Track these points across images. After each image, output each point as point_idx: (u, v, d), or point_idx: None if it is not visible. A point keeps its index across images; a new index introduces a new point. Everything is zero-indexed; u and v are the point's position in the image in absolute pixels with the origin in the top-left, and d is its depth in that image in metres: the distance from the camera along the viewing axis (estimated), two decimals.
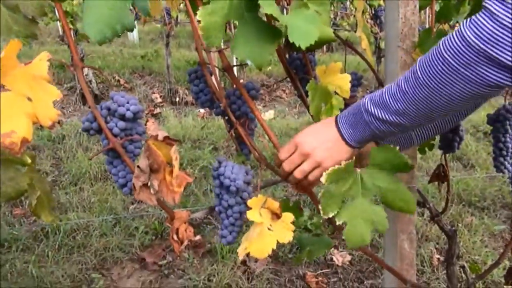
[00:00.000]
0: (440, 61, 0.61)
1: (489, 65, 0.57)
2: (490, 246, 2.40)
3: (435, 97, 0.63)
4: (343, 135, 0.74)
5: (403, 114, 0.67)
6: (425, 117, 0.67)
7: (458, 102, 0.63)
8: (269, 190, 2.59)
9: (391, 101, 0.68)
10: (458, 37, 0.59)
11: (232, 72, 0.87)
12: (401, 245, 1.27)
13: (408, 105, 0.66)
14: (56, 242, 2.31)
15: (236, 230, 0.89)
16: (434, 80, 0.62)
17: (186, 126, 3.98)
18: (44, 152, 3.41)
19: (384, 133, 0.72)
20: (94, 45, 6.47)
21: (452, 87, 0.61)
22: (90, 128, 0.82)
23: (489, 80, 0.58)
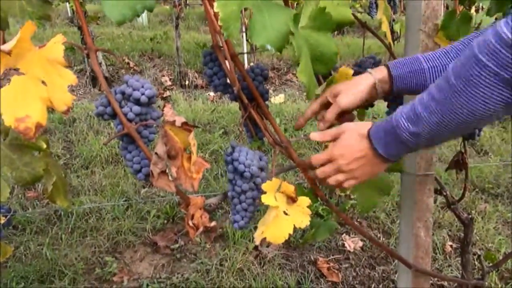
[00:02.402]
0: (475, 63, 0.56)
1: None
2: (503, 234, 2.37)
3: (472, 103, 0.58)
4: (379, 152, 0.72)
5: (438, 125, 0.63)
6: (465, 125, 0.62)
7: (497, 108, 0.58)
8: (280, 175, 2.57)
9: (425, 114, 0.64)
10: (494, 38, 0.55)
11: (238, 59, 0.85)
12: (417, 233, 1.25)
13: (444, 115, 0.62)
14: (69, 225, 2.33)
15: (249, 216, 0.89)
16: (469, 84, 0.58)
17: (196, 109, 3.97)
18: (55, 135, 3.43)
19: (421, 147, 0.70)
20: (103, 27, 6.44)
21: (489, 91, 0.57)
22: (104, 112, 0.81)
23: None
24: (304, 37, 0.71)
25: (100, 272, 2.04)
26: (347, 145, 0.74)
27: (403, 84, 0.82)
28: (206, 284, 1.98)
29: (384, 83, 0.82)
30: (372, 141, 0.72)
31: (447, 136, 0.65)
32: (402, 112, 0.68)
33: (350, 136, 0.74)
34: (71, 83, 0.70)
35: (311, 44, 0.72)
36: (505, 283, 2.02)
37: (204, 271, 2.06)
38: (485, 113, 0.59)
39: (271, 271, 2.05)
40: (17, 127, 0.65)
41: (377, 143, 0.71)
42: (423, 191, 1.20)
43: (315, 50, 0.73)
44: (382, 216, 2.50)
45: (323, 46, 0.74)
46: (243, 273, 2.04)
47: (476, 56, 0.56)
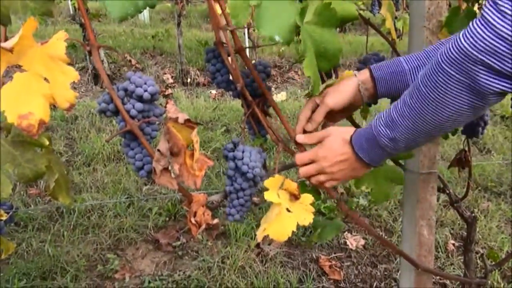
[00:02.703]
0: (440, 72, 0.60)
1: (490, 73, 0.56)
2: (506, 232, 2.37)
3: (441, 109, 0.62)
4: (361, 158, 0.74)
5: (413, 130, 0.66)
6: (436, 129, 0.66)
7: (465, 112, 0.61)
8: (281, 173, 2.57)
9: (399, 118, 0.67)
10: (454, 47, 0.58)
11: (245, 53, 0.84)
12: (420, 231, 1.25)
13: (416, 120, 0.65)
14: (71, 222, 2.33)
15: (244, 210, 0.90)
16: (437, 92, 0.61)
17: (198, 107, 3.96)
18: (57, 132, 3.43)
19: (400, 151, 0.73)
20: (104, 25, 6.44)
21: (456, 97, 0.60)
22: (107, 109, 0.80)
23: (492, 88, 0.57)
24: (309, 33, 0.70)
25: (102, 269, 2.04)
26: (331, 148, 0.76)
27: (386, 86, 0.84)
28: (207, 281, 1.98)
29: (367, 84, 0.83)
30: (354, 147, 0.74)
31: (423, 139, 0.69)
32: (380, 118, 0.71)
33: (334, 140, 0.77)
34: (73, 80, 0.70)
35: (315, 40, 0.71)
36: (507, 281, 2.01)
37: (206, 269, 2.06)
38: (454, 117, 0.62)
39: (273, 269, 2.05)
40: (20, 124, 0.65)
41: (359, 149, 0.74)
42: (426, 189, 1.20)
43: (319, 46, 0.73)
44: (384, 214, 2.49)
45: (327, 42, 0.73)
46: (245, 270, 2.04)
47: (440, 65, 0.60)
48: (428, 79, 0.62)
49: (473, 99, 0.59)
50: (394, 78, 0.83)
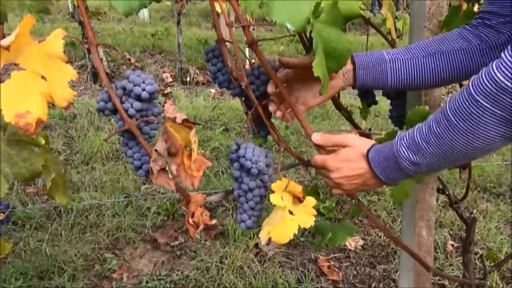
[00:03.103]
0: (472, 104, 0.58)
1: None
2: (505, 233, 2.37)
3: (472, 139, 0.61)
4: (377, 175, 0.73)
5: (439, 157, 0.65)
6: (463, 158, 0.64)
7: (498, 142, 0.60)
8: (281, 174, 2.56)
9: (424, 144, 0.66)
10: (488, 79, 0.57)
11: (257, 47, 0.83)
12: (419, 233, 1.25)
13: (443, 148, 0.64)
14: (68, 221, 2.32)
15: (256, 215, 0.87)
16: (468, 123, 0.60)
17: (197, 106, 3.95)
18: (55, 131, 3.42)
19: (421, 174, 0.72)
20: (104, 23, 6.43)
21: (489, 129, 0.59)
22: (105, 108, 0.79)
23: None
24: (318, 31, 0.69)
25: (100, 268, 2.03)
26: (346, 160, 0.75)
27: (364, 74, 0.83)
28: (206, 281, 1.97)
29: (348, 70, 0.83)
30: (371, 163, 0.73)
31: (447, 165, 0.68)
32: (403, 140, 0.69)
33: (352, 152, 0.75)
34: (71, 78, 0.69)
35: (323, 38, 0.70)
36: (506, 283, 2.01)
37: (204, 269, 2.05)
38: (485, 147, 0.61)
39: (271, 269, 2.05)
40: (17, 122, 0.64)
41: (376, 166, 0.72)
42: (425, 190, 1.19)
43: (328, 45, 0.71)
44: (383, 215, 2.49)
45: (336, 42, 0.71)
46: (243, 271, 2.04)
47: (472, 96, 0.58)
48: (458, 109, 0.60)
49: (508, 130, 0.58)
50: (373, 67, 0.82)
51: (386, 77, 0.83)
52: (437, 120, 0.64)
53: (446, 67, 0.81)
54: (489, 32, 0.79)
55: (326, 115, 3.96)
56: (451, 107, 0.62)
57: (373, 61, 0.83)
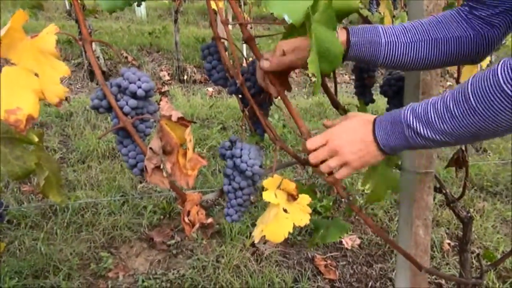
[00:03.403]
0: (497, 91, 0.58)
1: None
2: (502, 232, 2.37)
3: (489, 124, 0.61)
4: (378, 140, 0.72)
5: (449, 135, 0.65)
6: (472, 139, 0.65)
7: (509, 130, 0.61)
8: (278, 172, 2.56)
9: (437, 120, 0.65)
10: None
11: (254, 44, 0.82)
12: (416, 231, 1.24)
13: (456, 128, 0.64)
14: (64, 219, 2.31)
15: (243, 210, 0.89)
16: (489, 109, 0.60)
17: (195, 104, 3.94)
18: (51, 129, 3.40)
19: (421, 147, 0.71)
20: (101, 21, 6.40)
21: (507, 117, 0.59)
22: (100, 106, 0.79)
23: None
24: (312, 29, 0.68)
25: (95, 267, 2.02)
26: (349, 127, 0.74)
27: (357, 51, 0.81)
28: (202, 280, 1.97)
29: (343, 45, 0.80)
30: (375, 128, 0.72)
31: (451, 143, 0.67)
32: (414, 109, 0.68)
33: (355, 120, 0.74)
34: (63, 75, 0.68)
35: (317, 38, 0.69)
36: (502, 281, 2.01)
37: (200, 268, 2.04)
38: (498, 132, 0.62)
39: (268, 268, 2.04)
40: (7, 119, 0.63)
41: (380, 130, 0.71)
42: (423, 189, 1.19)
43: (322, 45, 0.70)
44: (380, 214, 2.49)
45: (329, 43, 0.71)
46: (240, 270, 2.03)
47: (499, 83, 0.58)
48: (481, 93, 0.60)
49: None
50: (368, 47, 0.80)
51: (378, 59, 0.81)
52: (455, 99, 0.63)
53: (439, 54, 0.80)
54: (482, 25, 0.78)
55: (323, 114, 3.95)
56: (473, 90, 0.61)
57: (369, 42, 0.80)
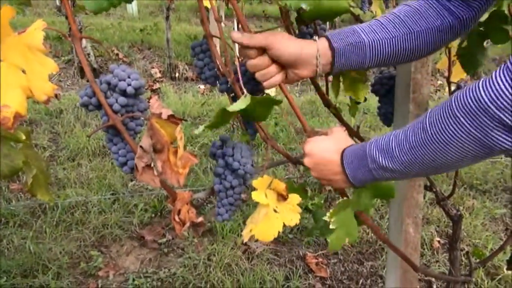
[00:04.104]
0: (451, 120, 0.58)
1: (504, 131, 0.53)
2: (490, 230, 2.39)
3: (444, 154, 0.60)
4: (347, 174, 0.72)
5: (409, 166, 0.65)
6: (432, 170, 0.65)
7: (466, 161, 0.60)
8: (269, 170, 2.56)
9: (397, 151, 0.65)
10: (472, 97, 0.55)
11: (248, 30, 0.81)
12: (406, 229, 1.25)
13: (415, 158, 0.64)
14: (54, 218, 2.29)
15: (233, 209, 0.88)
16: (443, 137, 0.59)
17: (186, 102, 3.92)
18: (41, 127, 3.36)
19: (386, 179, 0.72)
20: (92, 17, 6.33)
21: (461, 146, 0.58)
22: (89, 103, 0.78)
23: (501, 145, 0.55)
24: None
25: (85, 266, 2.01)
26: (322, 150, 0.74)
27: (343, 58, 0.78)
28: (193, 279, 1.96)
29: (325, 57, 0.77)
30: (344, 161, 0.72)
31: (413, 175, 0.68)
32: (377, 142, 0.69)
33: (331, 145, 0.74)
34: (52, 71, 0.67)
35: None
36: (491, 278, 2.03)
37: (191, 266, 2.04)
38: (454, 164, 0.61)
39: (259, 266, 2.04)
40: None
41: (348, 164, 0.72)
42: (413, 187, 1.19)
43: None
44: (370, 212, 2.50)
45: None
46: (231, 268, 2.03)
47: (453, 111, 0.57)
48: (436, 121, 0.60)
49: (479, 151, 0.57)
50: (352, 50, 0.77)
51: (364, 62, 0.79)
52: (414, 129, 0.64)
53: (422, 45, 0.79)
54: (460, 7, 0.76)
55: (315, 112, 3.96)
56: (430, 118, 0.61)
57: (351, 44, 0.77)
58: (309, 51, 0.75)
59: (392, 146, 0.66)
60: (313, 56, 0.75)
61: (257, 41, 0.74)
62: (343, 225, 0.87)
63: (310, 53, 0.75)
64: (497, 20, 0.97)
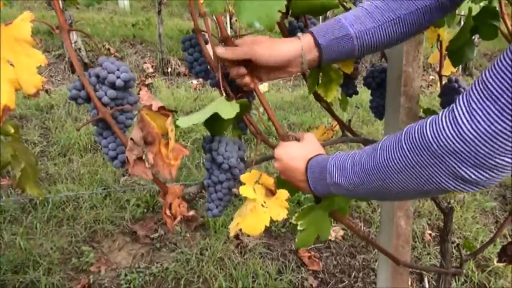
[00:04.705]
0: (399, 150, 0.58)
1: (445, 171, 0.53)
2: (481, 223, 2.42)
3: (388, 182, 0.60)
4: (309, 185, 0.74)
5: (359, 187, 0.65)
6: (377, 196, 0.65)
7: (409, 193, 0.60)
8: (262, 165, 2.56)
9: (350, 170, 0.66)
10: (418, 133, 0.55)
11: (231, 43, 0.81)
12: (397, 222, 1.25)
13: (363, 181, 0.64)
14: (44, 214, 2.27)
15: (223, 204, 0.88)
16: (388, 166, 0.59)
17: (179, 97, 3.91)
18: (31, 122, 3.32)
19: (342, 195, 0.73)
20: (83, 12, 6.27)
21: (403, 177, 0.58)
22: (78, 96, 0.77)
23: (439, 184, 0.55)
24: None
25: (77, 262, 1.99)
26: (290, 157, 0.75)
27: (331, 53, 0.77)
28: (186, 273, 1.96)
29: (311, 53, 0.76)
30: (308, 171, 0.73)
31: (362, 196, 0.68)
32: (337, 158, 0.69)
33: (298, 151, 0.75)
34: (40, 64, 0.66)
35: None
36: (481, 270, 2.06)
37: (184, 261, 2.03)
38: (399, 195, 0.61)
39: (252, 260, 2.04)
40: None
41: (310, 174, 0.73)
42: None
43: None
44: (363, 205, 2.51)
45: None
46: (224, 262, 2.03)
47: (401, 142, 0.58)
48: (386, 149, 0.60)
49: (418, 186, 0.57)
50: (339, 44, 0.76)
51: (353, 52, 0.78)
52: (368, 152, 0.64)
53: (410, 27, 0.78)
54: None
55: (308, 107, 3.97)
56: (383, 145, 0.62)
57: (337, 39, 0.76)
58: (294, 51, 0.75)
59: (347, 165, 0.67)
60: (299, 54, 0.76)
61: (241, 54, 0.75)
62: (313, 225, 0.89)
63: (295, 52, 0.76)
64: (486, 15, 0.97)
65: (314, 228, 0.90)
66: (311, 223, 0.90)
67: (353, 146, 3.05)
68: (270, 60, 0.75)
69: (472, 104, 0.50)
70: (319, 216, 0.89)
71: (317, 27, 0.78)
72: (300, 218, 0.89)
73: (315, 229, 0.90)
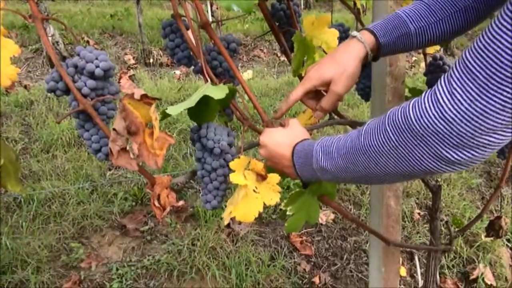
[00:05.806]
0: (382, 133, 0.58)
1: (427, 152, 0.53)
2: (468, 199, 2.46)
3: (373, 165, 0.60)
4: (296, 170, 0.73)
5: (344, 171, 0.65)
6: (362, 179, 0.64)
7: (393, 176, 0.60)
8: (250, 152, 2.55)
9: (336, 154, 0.66)
10: (402, 115, 0.55)
11: (210, 28, 0.79)
12: (387, 203, 1.26)
13: (348, 164, 0.64)
14: (30, 212, 2.22)
15: (221, 194, 0.85)
16: (372, 149, 0.59)
17: (162, 88, 3.85)
18: (11, 119, 3.24)
19: (328, 181, 0.72)
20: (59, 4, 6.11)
21: (387, 160, 0.58)
22: (56, 88, 0.74)
23: (423, 166, 0.55)
24: None
25: (66, 259, 1.97)
26: (275, 143, 0.75)
27: (389, 51, 0.80)
28: (178, 264, 1.95)
29: (373, 52, 0.79)
30: (294, 157, 0.73)
31: (349, 181, 0.68)
32: (323, 142, 0.69)
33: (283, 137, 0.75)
34: (13, 54, 0.63)
35: None
36: (470, 246, 2.09)
37: (175, 252, 2.02)
38: (381, 177, 0.61)
39: (244, 247, 2.04)
40: None
41: (296, 159, 0.72)
42: None
43: None
44: (352, 188, 2.53)
45: None
46: (216, 251, 2.02)
47: (384, 124, 0.58)
48: (370, 132, 0.60)
49: (401, 168, 0.57)
50: (400, 43, 0.78)
51: (410, 48, 0.80)
52: (353, 136, 0.64)
53: (462, 24, 0.78)
54: None
55: None
56: (367, 128, 0.61)
57: (398, 37, 0.78)
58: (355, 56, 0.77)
59: (333, 149, 0.66)
60: (359, 56, 0.77)
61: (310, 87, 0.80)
62: (302, 210, 0.89)
63: (356, 56, 0.77)
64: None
65: (304, 213, 0.90)
66: (300, 208, 0.89)
67: (339, 130, 3.06)
68: (344, 88, 0.78)
69: (452, 83, 0.50)
70: (307, 201, 0.89)
71: (377, 25, 0.79)
72: (289, 203, 0.89)
73: (305, 214, 0.90)
